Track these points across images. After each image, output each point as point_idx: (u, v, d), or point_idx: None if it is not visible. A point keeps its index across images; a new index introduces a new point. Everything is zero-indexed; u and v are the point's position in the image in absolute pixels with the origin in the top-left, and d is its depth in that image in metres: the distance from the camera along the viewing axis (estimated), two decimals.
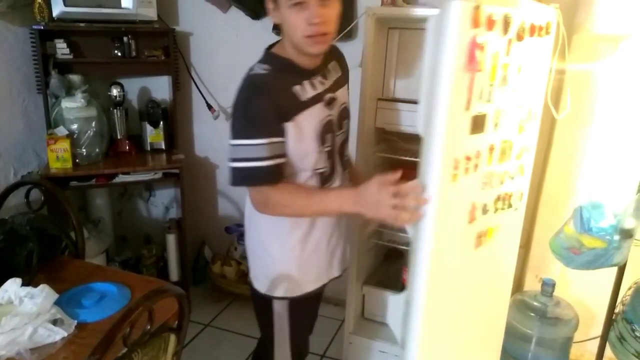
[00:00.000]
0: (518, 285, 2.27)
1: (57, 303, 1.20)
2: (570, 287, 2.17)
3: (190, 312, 1.14)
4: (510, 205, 1.49)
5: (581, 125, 1.98)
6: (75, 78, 2.37)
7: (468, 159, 1.21)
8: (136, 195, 2.94)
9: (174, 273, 2.65)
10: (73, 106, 2.32)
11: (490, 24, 1.13)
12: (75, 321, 1.18)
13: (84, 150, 2.36)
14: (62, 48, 2.30)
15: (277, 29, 2.23)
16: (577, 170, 2.01)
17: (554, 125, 1.98)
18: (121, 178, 2.38)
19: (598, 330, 1.91)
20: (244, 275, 2.60)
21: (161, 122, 2.59)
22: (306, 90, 1.26)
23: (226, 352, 2.32)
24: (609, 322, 1.88)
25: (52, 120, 2.33)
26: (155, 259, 2.67)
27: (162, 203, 2.96)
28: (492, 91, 1.22)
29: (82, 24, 2.25)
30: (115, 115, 2.52)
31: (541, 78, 1.49)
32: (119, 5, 2.23)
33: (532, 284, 2.22)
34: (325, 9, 1.16)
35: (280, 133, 1.21)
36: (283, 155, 1.23)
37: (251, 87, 1.22)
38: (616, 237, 1.69)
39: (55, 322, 1.16)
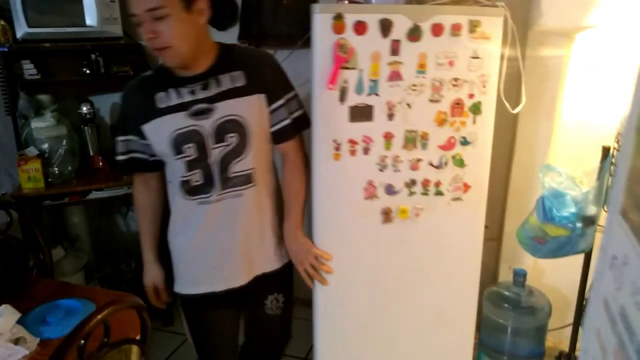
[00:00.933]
0: (493, 277, 2.30)
1: (20, 322, 1.21)
2: (544, 276, 2.20)
3: (150, 324, 1.15)
4: (439, 193, 1.62)
5: (543, 116, 2.01)
6: (44, 98, 2.38)
7: (353, 142, 1.50)
8: (114, 211, 2.95)
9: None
10: (42, 126, 2.33)
11: (360, 29, 1.40)
12: (38, 339, 1.19)
13: (56, 169, 2.36)
14: (29, 69, 2.31)
15: (243, 37, 2.26)
16: (542, 161, 2.04)
17: (517, 118, 2.02)
18: (95, 194, 2.39)
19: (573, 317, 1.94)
20: None
21: None
22: (169, 98, 1.30)
23: None
24: (580, 308, 1.91)
25: (22, 141, 2.34)
26: (135, 273, 2.67)
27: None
28: (378, 86, 1.46)
29: (47, 44, 2.26)
30: (87, 133, 2.53)
31: (483, 73, 1.53)
32: (83, 24, 2.25)
33: (507, 276, 2.25)
34: (158, 25, 1.18)
35: (136, 133, 1.35)
36: (139, 152, 1.38)
37: (126, 87, 1.38)
38: (579, 225, 1.73)
39: (17, 341, 1.17)
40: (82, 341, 0.94)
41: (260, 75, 1.35)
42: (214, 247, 1.39)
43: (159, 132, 1.31)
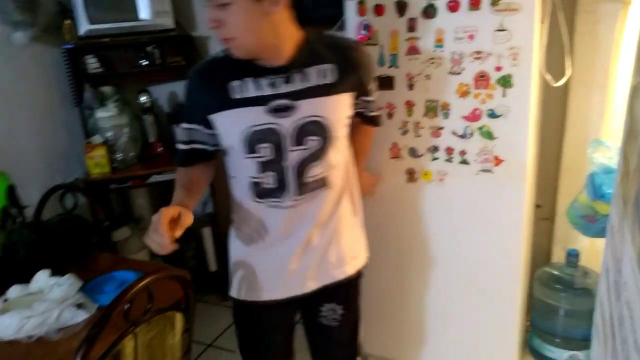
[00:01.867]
0: (547, 258, 2.23)
1: (81, 290, 1.35)
2: (601, 256, 2.10)
3: (194, 294, 1.24)
4: (464, 162, 1.70)
5: (595, 89, 1.91)
6: (106, 89, 2.57)
7: (378, 108, 1.59)
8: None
9: (212, 264, 2.80)
10: (106, 115, 2.52)
11: (379, 11, 1.64)
12: (97, 305, 1.32)
13: (120, 155, 2.55)
14: (92, 63, 2.50)
15: None
16: (595, 136, 1.94)
17: (567, 91, 1.93)
18: (155, 178, 2.55)
19: None
20: None
21: None
22: (245, 88, 1.16)
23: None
24: None
25: (88, 130, 2.54)
26: (194, 252, 2.84)
27: (202, 199, 3.12)
28: (397, 59, 1.67)
29: (106, 39, 2.43)
30: (146, 121, 2.70)
31: (513, 45, 1.50)
32: (137, 18, 2.39)
33: (561, 257, 2.18)
34: (220, 12, 1.07)
35: (202, 122, 1.20)
36: (201, 142, 1.24)
37: (193, 70, 1.22)
38: None
39: (79, 306, 1.31)
40: (127, 305, 1.04)
41: (353, 70, 1.22)
42: (282, 252, 1.28)
43: (232, 126, 1.18)
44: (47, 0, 2.32)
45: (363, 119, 1.38)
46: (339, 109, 1.21)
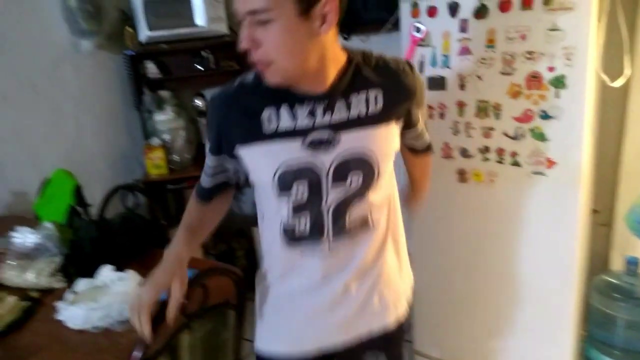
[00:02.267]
0: (604, 265, 2.14)
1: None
2: None
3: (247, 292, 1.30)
4: (516, 163, 1.67)
5: None
6: (164, 94, 2.69)
7: (430, 107, 1.74)
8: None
9: None
10: (164, 119, 2.64)
11: (431, 12, 1.67)
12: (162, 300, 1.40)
13: (176, 156, 2.67)
14: (151, 68, 2.63)
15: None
16: None
17: (627, 92, 1.85)
18: None
19: None
20: None
21: None
22: (279, 117, 0.98)
23: None
24: None
25: (147, 133, 2.68)
26: (244, 251, 2.92)
27: (251, 200, 3.20)
28: (449, 60, 1.68)
29: (164, 45, 2.55)
30: (201, 124, 2.81)
31: (567, 45, 1.46)
32: (193, 24, 2.49)
33: (619, 264, 2.09)
34: (258, 30, 0.88)
35: (229, 154, 1.05)
36: (225, 172, 1.11)
37: (217, 96, 1.05)
38: None
39: None
40: (185, 301, 1.10)
41: (405, 97, 1.06)
42: (315, 301, 1.13)
43: (263, 162, 1.02)
44: (111, 9, 2.47)
45: (416, 151, 1.26)
46: (387, 142, 1.06)
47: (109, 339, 1.27)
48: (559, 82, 1.48)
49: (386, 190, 1.11)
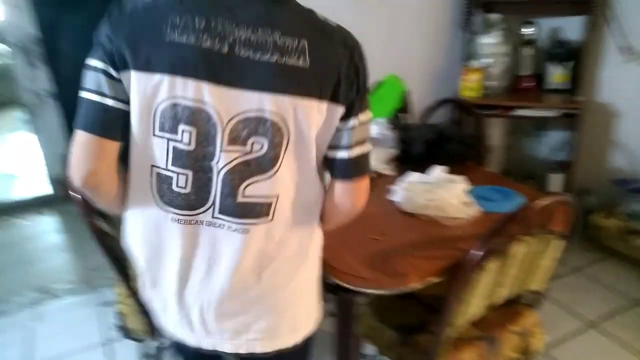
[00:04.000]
0: None
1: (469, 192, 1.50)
2: None
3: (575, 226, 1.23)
4: None
5: None
6: (494, 17, 2.61)
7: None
8: (527, 133, 3.07)
9: None
10: (488, 42, 2.59)
11: None
12: (482, 209, 1.45)
13: (492, 82, 2.62)
14: None
15: None
16: None
17: None
18: (519, 112, 2.55)
19: None
20: (628, 233, 2.45)
21: (567, 63, 2.59)
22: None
23: (591, 300, 2.29)
24: None
25: (469, 54, 2.68)
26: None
27: (551, 144, 2.99)
28: None
29: None
30: (524, 53, 2.66)
31: None
32: None
33: None
34: None
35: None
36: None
37: None
38: None
39: (465, 205, 1.46)
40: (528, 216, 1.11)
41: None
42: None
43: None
44: None
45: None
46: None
47: (436, 228, 1.39)
48: None
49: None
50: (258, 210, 0.88)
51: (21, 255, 2.77)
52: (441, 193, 1.44)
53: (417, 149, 1.75)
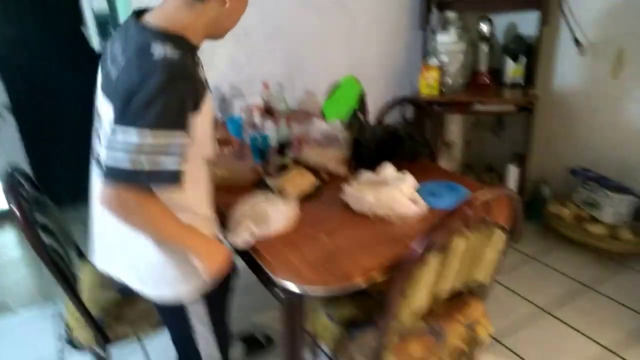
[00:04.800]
0: None
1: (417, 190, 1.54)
2: None
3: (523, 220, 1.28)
4: None
5: None
6: (451, 15, 2.67)
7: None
8: (486, 127, 3.15)
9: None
10: (446, 40, 2.64)
11: None
12: (430, 205, 1.50)
13: (449, 79, 2.68)
14: None
15: None
16: None
17: None
18: (477, 107, 2.61)
19: None
20: (582, 220, 2.54)
21: (522, 58, 2.66)
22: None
23: (547, 288, 2.37)
24: None
25: (426, 52, 2.73)
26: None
27: (509, 137, 3.07)
28: None
29: None
30: (481, 50, 2.73)
31: None
32: None
33: None
34: None
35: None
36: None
37: (172, 70, 1.00)
38: None
39: (414, 202, 1.50)
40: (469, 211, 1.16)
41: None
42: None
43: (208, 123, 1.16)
44: None
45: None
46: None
47: (384, 226, 1.42)
48: None
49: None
50: None
51: None
52: (389, 191, 1.48)
53: (369, 149, 1.79)
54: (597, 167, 2.63)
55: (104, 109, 1.08)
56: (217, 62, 2.37)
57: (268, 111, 2.24)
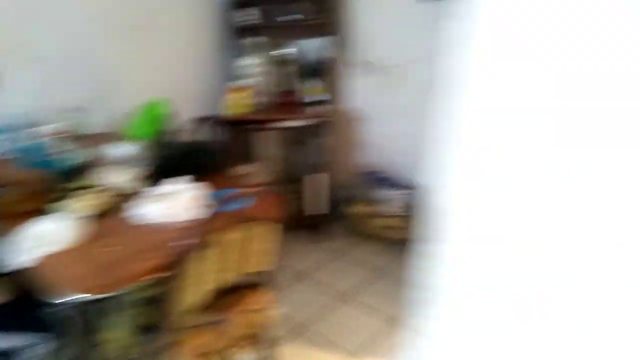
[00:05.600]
0: None
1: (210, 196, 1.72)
2: None
3: (284, 213, 1.52)
4: None
5: None
6: (251, 41, 2.95)
7: None
8: (294, 142, 3.46)
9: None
10: (249, 63, 2.90)
11: None
12: (214, 210, 1.68)
13: (255, 100, 2.94)
14: (247, 15, 2.90)
15: None
16: None
17: None
18: (283, 124, 2.90)
19: None
20: (373, 216, 2.99)
21: (320, 78, 3.03)
22: None
23: (344, 277, 2.74)
24: None
25: (232, 75, 2.97)
26: (298, 194, 3.17)
27: (313, 149, 3.41)
28: None
29: None
30: (282, 72, 3.04)
31: None
32: None
33: None
34: None
35: None
36: None
37: None
38: None
39: (197, 208, 1.66)
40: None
41: None
42: None
43: None
44: None
45: None
46: None
47: (164, 234, 1.55)
48: None
49: None
50: None
51: None
52: (172, 201, 1.63)
53: (171, 165, 1.92)
54: (386, 168, 3.10)
55: None
56: (8, 88, 2.31)
57: (68, 136, 2.24)
